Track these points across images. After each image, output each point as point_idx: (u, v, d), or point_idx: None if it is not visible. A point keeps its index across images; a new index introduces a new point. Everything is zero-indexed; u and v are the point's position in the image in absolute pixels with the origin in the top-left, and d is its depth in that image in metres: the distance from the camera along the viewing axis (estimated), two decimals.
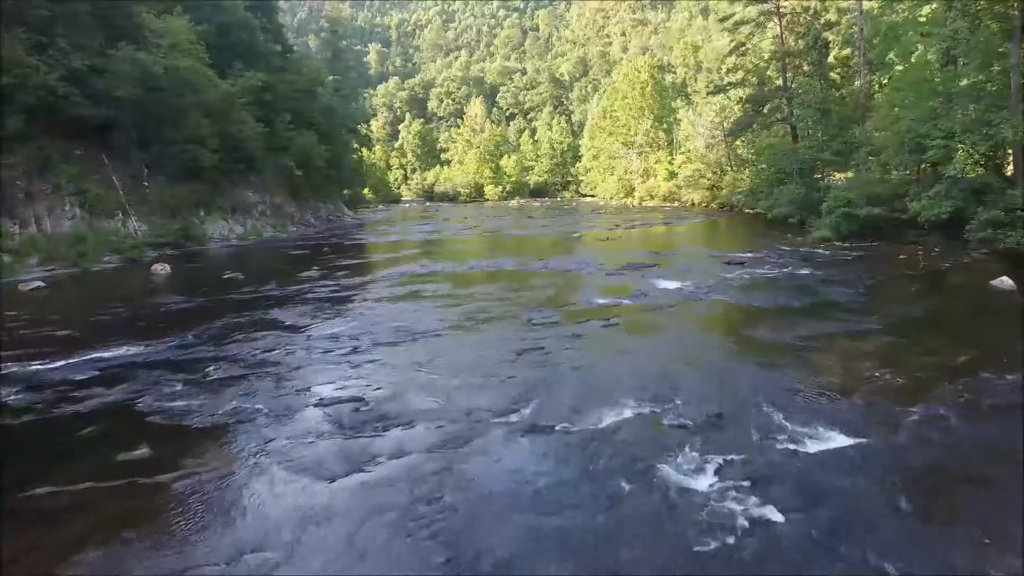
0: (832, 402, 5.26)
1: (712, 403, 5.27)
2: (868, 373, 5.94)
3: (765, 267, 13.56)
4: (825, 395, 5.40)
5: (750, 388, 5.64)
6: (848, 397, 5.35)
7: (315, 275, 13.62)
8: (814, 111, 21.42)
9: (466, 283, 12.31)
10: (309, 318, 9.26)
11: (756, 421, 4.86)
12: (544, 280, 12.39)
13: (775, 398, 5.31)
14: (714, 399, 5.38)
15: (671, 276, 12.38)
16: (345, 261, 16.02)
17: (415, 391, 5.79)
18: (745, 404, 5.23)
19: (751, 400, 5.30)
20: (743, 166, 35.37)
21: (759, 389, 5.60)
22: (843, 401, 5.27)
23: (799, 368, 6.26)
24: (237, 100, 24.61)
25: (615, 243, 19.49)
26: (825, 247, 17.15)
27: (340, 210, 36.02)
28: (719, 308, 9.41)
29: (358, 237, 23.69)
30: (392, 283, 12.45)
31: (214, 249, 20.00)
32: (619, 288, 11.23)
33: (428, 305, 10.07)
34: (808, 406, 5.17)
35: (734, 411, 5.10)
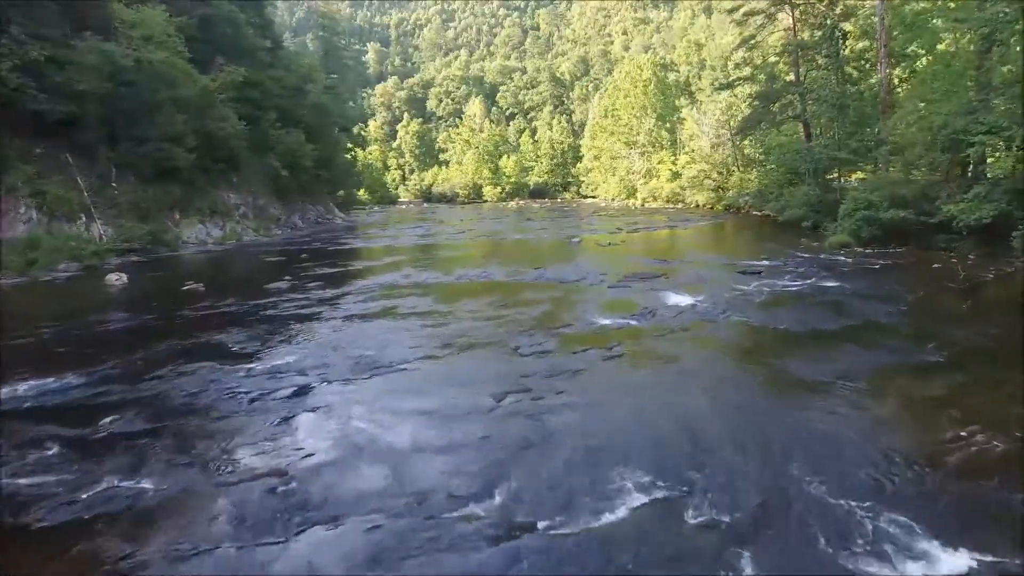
0: (917, 481, 3.86)
1: (750, 483, 3.87)
2: (952, 431, 4.53)
3: (785, 277, 12.17)
4: (902, 467, 4.00)
5: (798, 456, 4.23)
6: (938, 471, 3.95)
7: (284, 286, 12.24)
8: (830, 107, 20.02)
9: (450, 298, 10.92)
10: (260, 343, 7.87)
11: (816, 516, 3.45)
12: (538, 294, 11.00)
13: (836, 474, 3.92)
14: (752, 476, 3.98)
15: (681, 289, 10.99)
16: (322, 269, 14.64)
17: (358, 461, 4.40)
18: (795, 484, 3.83)
19: (802, 477, 3.90)
20: (750, 166, 34.00)
21: (810, 457, 4.19)
22: (932, 477, 3.87)
23: (857, 422, 4.85)
24: (217, 96, 23.25)
25: (617, 249, 18.11)
26: (846, 253, 15.78)
27: (330, 212, 34.65)
28: (741, 332, 8.01)
29: (344, 241, 22.32)
30: (367, 297, 11.06)
31: (187, 255, 18.64)
32: (623, 304, 9.84)
33: (402, 327, 8.68)
34: (885, 487, 3.77)
35: (782, 497, 3.69)
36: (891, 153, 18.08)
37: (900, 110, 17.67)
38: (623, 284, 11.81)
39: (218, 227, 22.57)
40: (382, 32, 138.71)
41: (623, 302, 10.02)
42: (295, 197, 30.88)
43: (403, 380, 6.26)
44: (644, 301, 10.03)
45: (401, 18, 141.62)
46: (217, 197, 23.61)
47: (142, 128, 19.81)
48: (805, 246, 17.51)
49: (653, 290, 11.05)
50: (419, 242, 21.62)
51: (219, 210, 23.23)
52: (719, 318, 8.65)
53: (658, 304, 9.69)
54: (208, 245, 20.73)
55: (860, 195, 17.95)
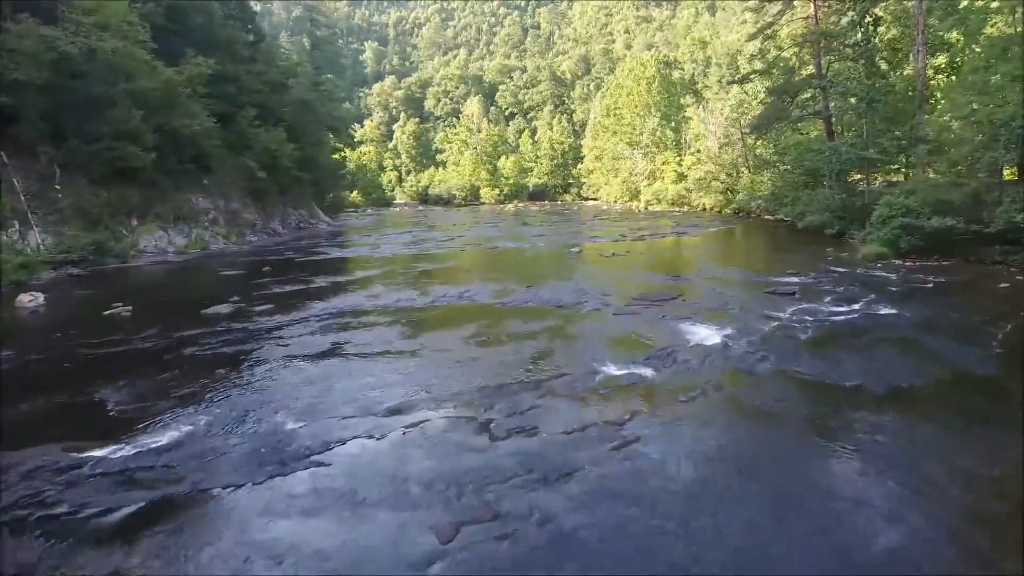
0: None
1: None
2: None
3: (825, 300, 10.15)
4: None
5: None
6: None
7: (225, 311, 10.20)
8: (858, 101, 17.95)
9: (419, 329, 8.88)
10: (146, 406, 5.84)
11: None
12: (529, 323, 8.96)
13: None
14: None
15: (703, 317, 8.96)
16: (280, 287, 12.61)
17: None
18: None
19: None
20: (762, 168, 31.95)
21: None
22: None
23: None
24: (183, 90, 21.22)
25: (622, 261, 16.06)
26: (885, 266, 13.81)
27: (315, 216, 32.57)
28: (798, 393, 5.94)
29: (320, 250, 20.26)
30: (318, 328, 9.02)
31: (138, 266, 16.61)
32: (632, 341, 7.80)
33: (343, 380, 6.64)
34: None
35: None
36: (931, 152, 16.05)
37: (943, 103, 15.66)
38: (631, 309, 9.77)
39: (182, 234, 20.53)
40: (380, 31, 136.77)
41: (632, 338, 7.97)
42: (275, 200, 28.83)
43: (315, 484, 4.21)
44: (659, 336, 7.99)
45: (400, 17, 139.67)
46: (183, 201, 21.57)
47: (93, 124, 17.81)
48: (835, 257, 15.50)
49: (668, 318, 9.01)
50: (402, 251, 19.57)
51: (185, 215, 21.19)
52: (761, 366, 6.61)
53: (677, 341, 7.65)
54: (168, 255, 18.69)
55: (896, 200, 15.98)
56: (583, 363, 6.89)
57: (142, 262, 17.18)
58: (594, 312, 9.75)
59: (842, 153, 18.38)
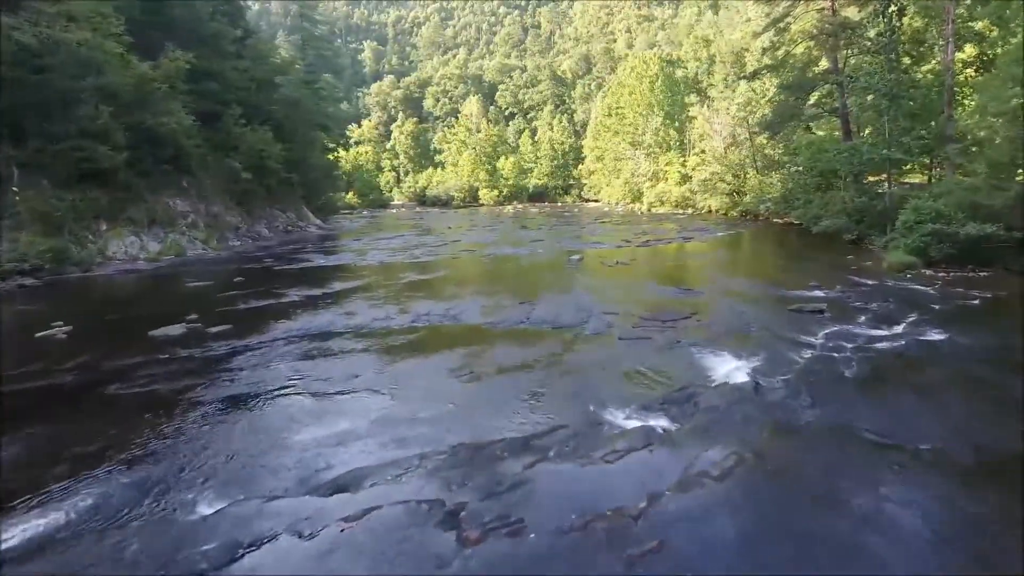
0: None
1: None
2: None
3: (860, 320, 8.89)
4: None
5: None
6: None
7: (176, 333, 8.93)
8: (880, 97, 16.65)
9: (390, 360, 7.60)
10: (50, 462, 4.61)
11: None
12: (520, 352, 7.68)
13: None
14: None
15: (723, 343, 7.69)
16: (247, 302, 11.33)
17: None
18: None
19: None
20: (771, 168, 30.65)
21: None
22: None
23: None
24: (158, 86, 19.94)
25: (627, 271, 14.76)
26: (916, 278, 12.58)
27: (304, 219, 31.25)
28: (855, 453, 4.64)
29: (303, 257, 18.96)
30: (276, 355, 7.73)
31: (102, 275, 15.33)
32: (644, 377, 6.51)
33: (289, 429, 5.36)
34: None
35: None
36: (964, 152, 14.76)
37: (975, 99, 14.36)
38: (640, 332, 8.48)
39: (157, 239, 19.25)
40: (379, 30, 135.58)
41: (643, 372, 6.68)
42: (261, 203, 27.52)
43: None
44: (674, 370, 6.71)
45: (399, 16, 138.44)
46: (159, 204, 20.29)
47: (57, 122, 16.56)
48: (858, 267, 14.24)
49: (683, 345, 7.73)
50: (390, 258, 18.28)
51: (161, 219, 19.91)
52: (807, 419, 5.30)
53: (697, 378, 6.37)
54: (138, 262, 17.41)
55: (924, 204, 14.73)
56: (585, 410, 5.61)
57: (108, 271, 15.90)
58: (597, 336, 8.46)
59: (863, 153, 17.07)
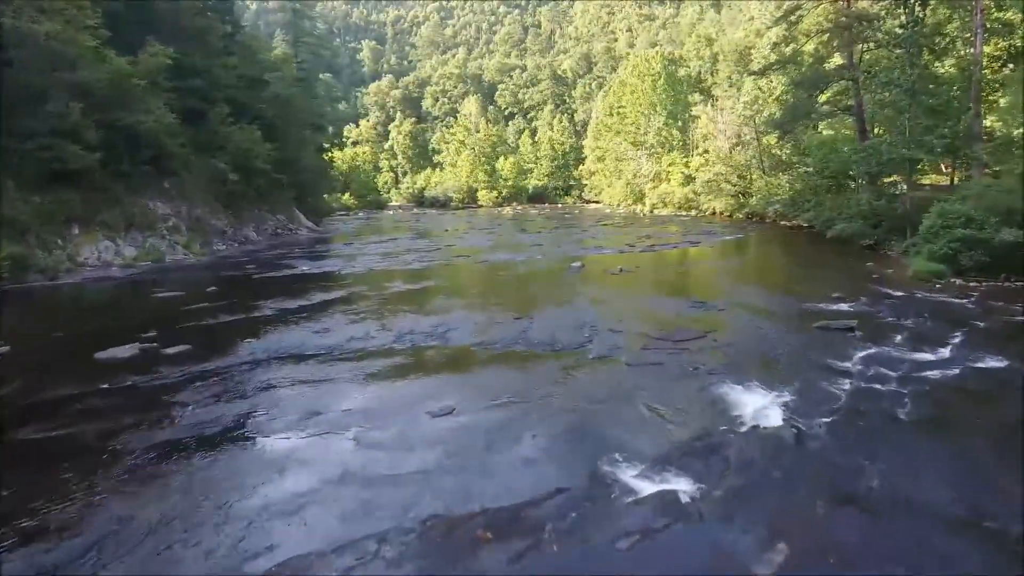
0: None
1: None
2: None
3: (898, 340, 7.90)
4: None
5: None
6: None
7: (124, 356, 7.91)
8: (900, 93, 15.61)
9: (360, 393, 6.57)
10: None
11: None
12: (512, 382, 6.65)
13: None
14: None
15: (747, 371, 6.67)
16: (214, 317, 10.30)
17: None
18: None
19: None
20: (779, 169, 29.63)
21: None
22: None
23: None
24: (137, 82, 18.91)
25: (632, 280, 13.72)
26: (947, 288, 11.67)
27: (295, 222, 30.20)
28: (927, 524, 3.61)
29: (288, 263, 17.91)
30: (230, 386, 6.70)
31: (70, 283, 14.31)
32: (658, 418, 5.48)
33: (225, 495, 4.32)
34: None
35: None
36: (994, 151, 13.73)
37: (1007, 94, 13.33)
38: (650, 356, 7.45)
39: (135, 244, 18.24)
40: (378, 30, 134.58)
41: (657, 412, 5.65)
42: (249, 205, 26.48)
43: None
44: (693, 407, 5.68)
45: (398, 16, 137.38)
46: (138, 206, 19.26)
47: (23, 120, 15.55)
48: (880, 275, 13.24)
49: (700, 373, 6.70)
50: (380, 265, 17.24)
51: (139, 223, 18.89)
52: (862, 477, 4.27)
53: (721, 420, 5.34)
54: (112, 268, 16.39)
55: (950, 207, 13.73)
56: (588, 464, 4.58)
57: (77, 279, 14.87)
58: (601, 360, 7.43)
59: (882, 153, 16.03)
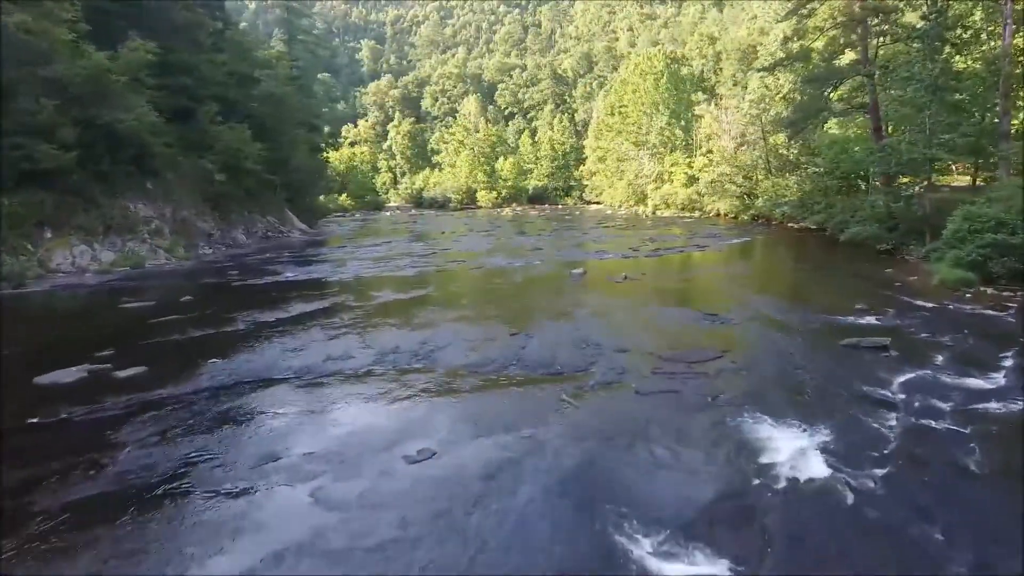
0: None
1: None
2: None
3: (938, 360, 7.09)
4: None
5: None
6: None
7: (69, 380, 7.04)
8: (921, 90, 14.71)
9: (329, 430, 5.69)
10: None
11: None
12: (505, 417, 5.75)
13: None
14: None
15: (773, 401, 5.79)
16: (182, 332, 9.41)
17: None
18: None
19: None
20: (787, 169, 28.72)
21: None
22: None
23: None
24: (117, 78, 18.03)
25: (637, 289, 12.81)
26: (978, 297, 10.85)
27: (287, 224, 29.29)
28: None
29: (274, 269, 17.01)
30: (183, 419, 5.81)
31: (39, 292, 13.41)
32: (676, 463, 4.58)
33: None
34: None
35: None
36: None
37: None
38: (661, 383, 6.55)
39: (113, 248, 17.35)
40: (378, 29, 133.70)
41: (674, 454, 4.75)
42: (239, 206, 25.60)
43: None
44: (716, 451, 4.78)
45: (397, 15, 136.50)
46: (118, 209, 18.38)
47: None
48: (903, 283, 12.36)
49: (721, 404, 5.81)
50: (370, 271, 16.34)
51: (119, 226, 18.00)
52: (946, 563, 3.37)
53: (751, 468, 4.45)
54: (86, 275, 15.51)
55: (978, 210, 12.87)
56: (597, 532, 3.69)
57: (46, 286, 13.98)
58: (607, 387, 6.53)
59: (901, 152, 15.13)
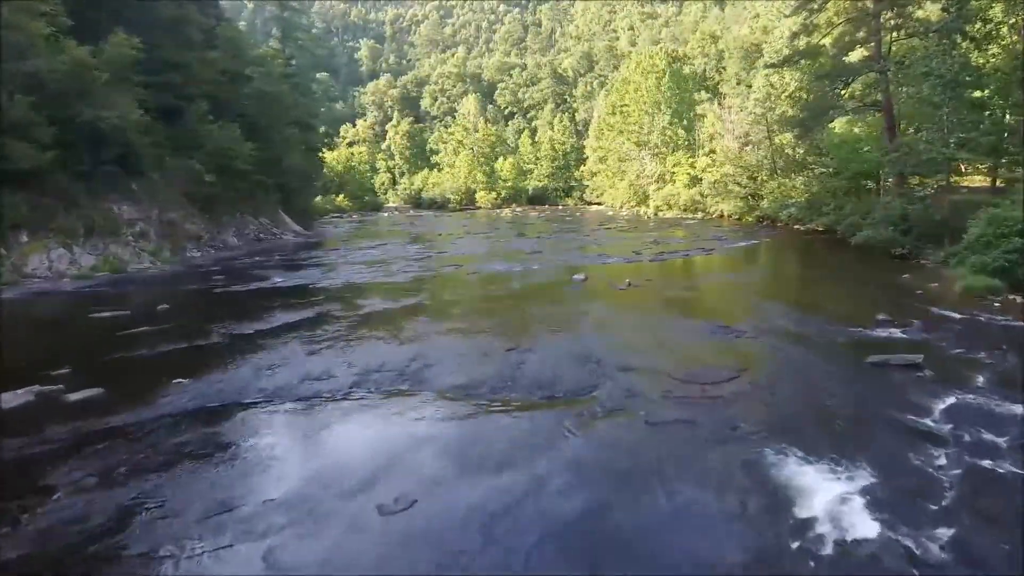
0: None
1: None
2: None
3: (978, 381, 6.54)
4: None
5: None
6: None
7: (15, 405, 6.33)
8: (939, 87, 13.98)
9: (295, 470, 4.98)
10: None
11: None
12: (497, 454, 5.02)
13: None
14: None
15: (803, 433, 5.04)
16: (150, 346, 8.69)
17: None
18: None
19: None
20: (793, 170, 27.98)
21: None
22: None
23: None
24: (99, 74, 17.31)
25: (643, 295, 12.07)
26: (1007, 307, 10.18)
27: (280, 225, 28.53)
28: None
29: (261, 274, 16.25)
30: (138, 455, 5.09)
31: (9, 299, 12.67)
32: (700, 516, 3.84)
33: None
34: None
35: None
36: None
37: None
38: (674, 411, 5.82)
39: (94, 252, 16.63)
40: (377, 29, 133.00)
41: (698, 505, 4.02)
42: (230, 208, 24.84)
43: None
44: (747, 501, 4.04)
45: (397, 15, 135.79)
46: (101, 211, 17.66)
47: None
48: (923, 290, 11.65)
49: (743, 437, 5.08)
50: (360, 277, 15.60)
51: (101, 228, 17.28)
52: None
53: (788, 521, 3.71)
54: (63, 280, 14.78)
55: (1004, 213, 12.17)
56: None
57: (16, 293, 13.24)
58: (613, 415, 5.80)
59: (919, 152, 14.40)
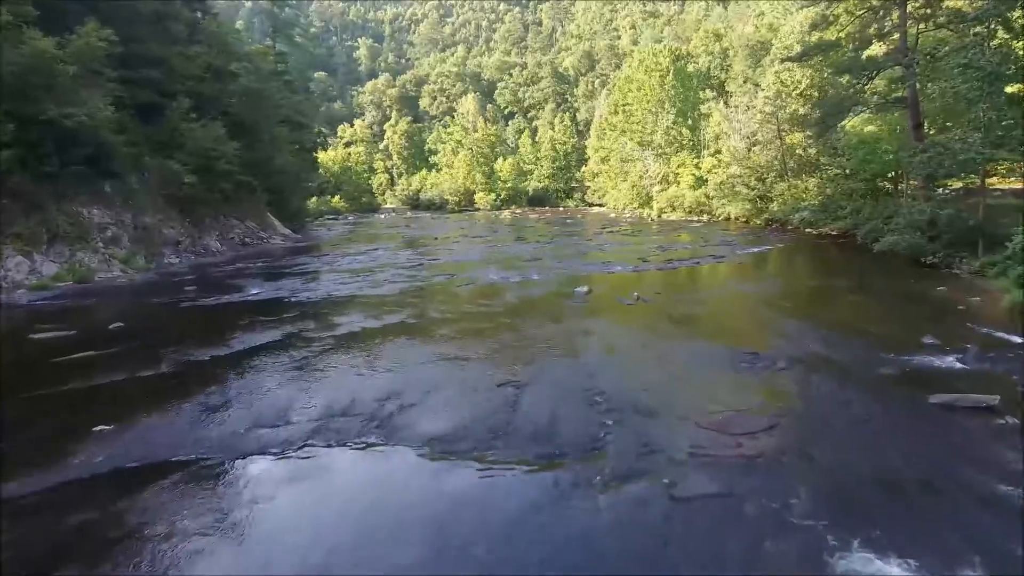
0: None
1: None
2: None
3: None
4: None
5: None
6: None
7: None
8: (974, 81, 12.75)
9: (224, 563, 3.72)
10: None
11: None
12: (483, 544, 3.77)
13: None
14: None
15: (863, 509, 3.77)
16: (86, 378, 7.49)
17: None
18: None
19: None
20: (805, 171, 26.74)
21: None
22: None
23: None
24: (64, 68, 16.10)
25: (652, 312, 10.82)
26: None
27: (268, 228, 27.29)
28: None
29: (237, 284, 15.03)
30: (15, 547, 3.86)
31: None
32: None
33: None
34: None
35: None
36: None
37: None
38: (704, 481, 4.58)
39: (58, 260, 15.42)
40: (376, 28, 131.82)
41: None
42: (213, 210, 23.63)
43: None
44: None
45: (396, 14, 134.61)
46: (67, 214, 16.45)
47: None
48: (966, 305, 10.48)
49: (793, 518, 3.83)
50: (344, 287, 14.36)
51: (67, 234, 16.08)
52: None
53: None
54: (18, 292, 13.55)
55: None
56: None
57: None
58: (627, 482, 4.57)
59: (955, 151, 13.16)
